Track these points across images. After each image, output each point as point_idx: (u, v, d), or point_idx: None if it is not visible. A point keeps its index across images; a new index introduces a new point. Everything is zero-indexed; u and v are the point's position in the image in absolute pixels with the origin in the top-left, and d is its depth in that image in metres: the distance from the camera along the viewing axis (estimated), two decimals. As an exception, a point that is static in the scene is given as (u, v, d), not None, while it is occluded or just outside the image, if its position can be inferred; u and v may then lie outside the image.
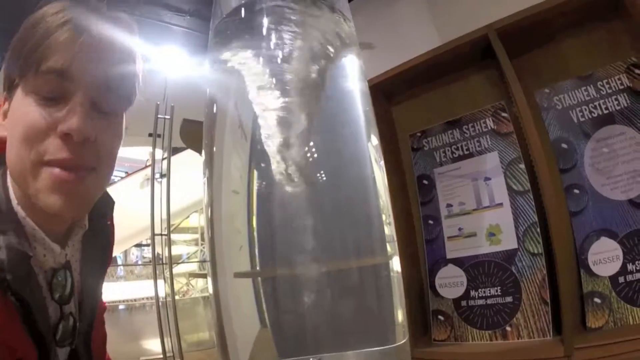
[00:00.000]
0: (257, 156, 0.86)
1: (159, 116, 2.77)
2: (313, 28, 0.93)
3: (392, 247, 0.97)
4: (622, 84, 1.55)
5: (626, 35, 1.57)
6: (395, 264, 0.96)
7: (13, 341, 0.67)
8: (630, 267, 1.48)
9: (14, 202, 0.71)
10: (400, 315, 0.94)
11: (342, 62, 0.99)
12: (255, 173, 0.87)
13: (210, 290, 0.93)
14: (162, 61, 2.63)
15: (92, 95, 0.69)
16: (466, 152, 1.87)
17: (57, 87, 0.66)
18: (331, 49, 0.94)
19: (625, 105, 1.54)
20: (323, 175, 0.88)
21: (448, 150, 1.92)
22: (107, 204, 0.93)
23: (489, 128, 1.83)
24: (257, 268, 0.85)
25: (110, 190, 0.95)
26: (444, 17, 2.04)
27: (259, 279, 0.88)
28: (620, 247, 1.50)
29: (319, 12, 0.96)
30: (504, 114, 1.80)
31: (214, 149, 0.98)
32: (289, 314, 0.85)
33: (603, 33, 1.63)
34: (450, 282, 1.81)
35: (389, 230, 0.98)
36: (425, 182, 1.96)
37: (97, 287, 0.93)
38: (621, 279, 1.48)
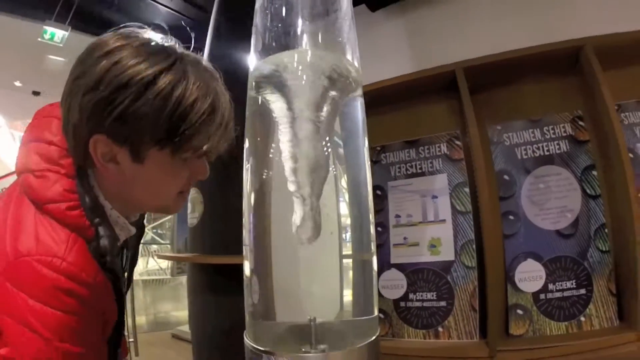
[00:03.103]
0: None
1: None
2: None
3: (374, 246, 1.16)
4: (565, 131, 1.81)
5: (577, 91, 1.85)
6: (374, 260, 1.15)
7: (109, 307, 0.90)
8: (551, 286, 1.74)
9: (101, 198, 0.89)
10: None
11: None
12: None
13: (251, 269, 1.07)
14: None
15: None
16: (419, 171, 2.06)
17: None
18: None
19: (565, 150, 1.81)
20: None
21: (403, 166, 2.11)
22: None
23: (442, 152, 2.03)
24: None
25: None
26: (418, 48, 2.21)
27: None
28: (544, 269, 1.76)
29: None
30: (457, 142, 2.01)
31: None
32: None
33: (557, 84, 1.90)
34: (392, 285, 1.99)
35: (373, 230, 1.16)
36: (378, 192, 2.13)
37: (136, 257, 1.18)
38: (542, 296, 1.74)
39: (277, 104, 1.05)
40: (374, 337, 0.99)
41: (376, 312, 1.11)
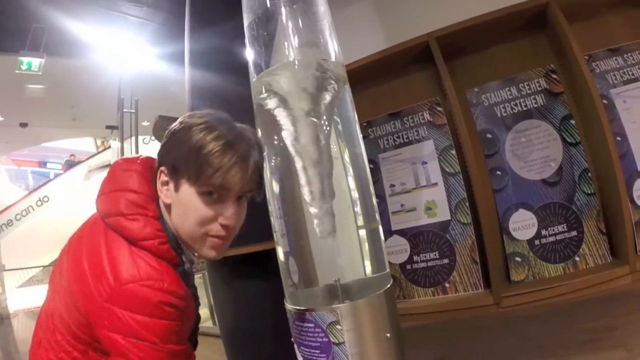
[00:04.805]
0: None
1: (125, 110, 2.78)
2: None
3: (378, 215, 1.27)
4: (540, 86, 1.87)
5: (547, 45, 1.91)
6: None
7: (193, 315, 1.11)
8: (543, 232, 1.81)
9: (178, 237, 1.10)
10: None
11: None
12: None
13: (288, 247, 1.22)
14: (118, 51, 2.62)
15: (238, 195, 1.07)
16: (406, 140, 2.11)
17: (220, 193, 1.04)
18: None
19: (542, 103, 1.87)
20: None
21: (390, 138, 2.16)
22: None
23: (426, 120, 2.08)
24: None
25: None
26: (390, 23, 2.24)
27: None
28: (535, 217, 1.83)
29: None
30: (438, 108, 2.06)
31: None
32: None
33: (527, 42, 1.96)
34: (396, 250, 2.05)
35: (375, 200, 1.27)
36: (371, 165, 2.17)
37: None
38: (537, 242, 1.81)
39: (278, 110, 1.17)
40: (388, 285, 1.12)
41: (387, 269, 1.23)
